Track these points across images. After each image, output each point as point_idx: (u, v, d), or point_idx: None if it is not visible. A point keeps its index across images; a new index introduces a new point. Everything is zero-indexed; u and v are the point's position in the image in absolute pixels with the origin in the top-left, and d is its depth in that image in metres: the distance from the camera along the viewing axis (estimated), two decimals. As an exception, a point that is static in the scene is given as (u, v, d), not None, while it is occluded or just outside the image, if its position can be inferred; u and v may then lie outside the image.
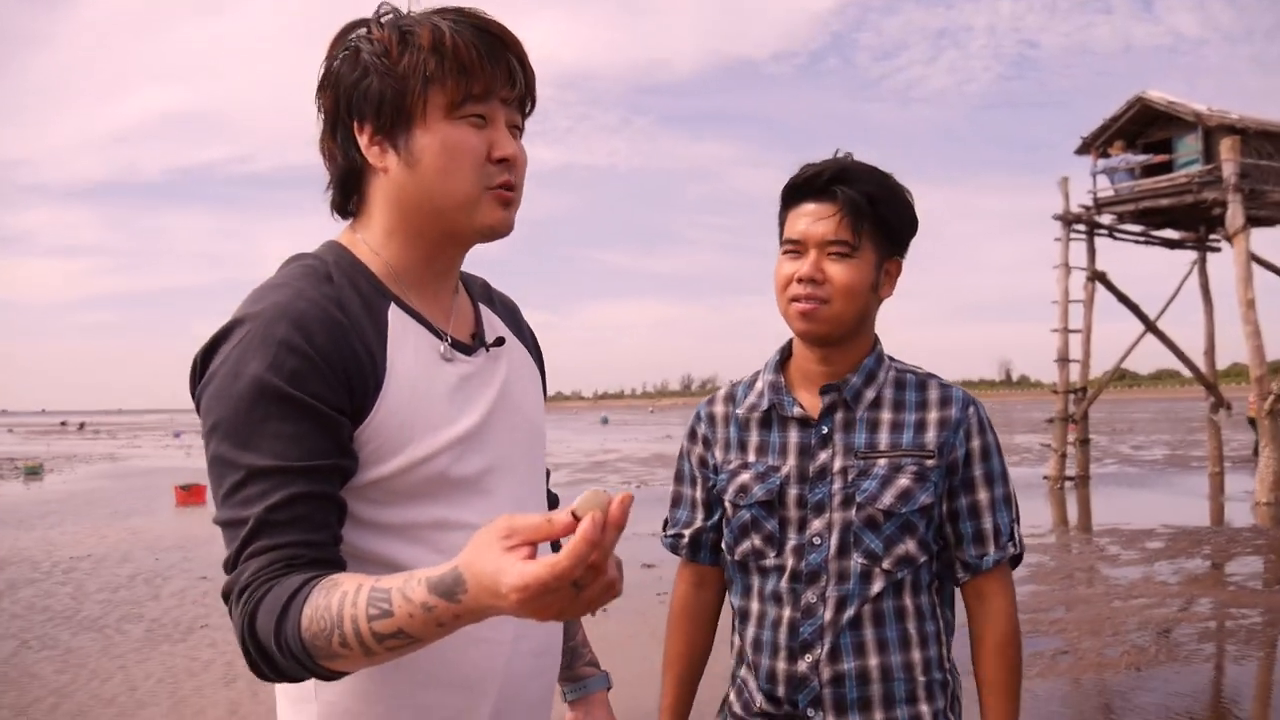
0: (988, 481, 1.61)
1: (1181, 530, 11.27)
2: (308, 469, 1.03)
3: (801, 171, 1.61)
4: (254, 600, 0.98)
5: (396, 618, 0.91)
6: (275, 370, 1.03)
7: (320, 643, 0.93)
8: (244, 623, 0.98)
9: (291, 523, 1.01)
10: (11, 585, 9.20)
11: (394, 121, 1.13)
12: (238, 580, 1.01)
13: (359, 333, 1.11)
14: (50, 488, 20.48)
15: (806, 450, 1.61)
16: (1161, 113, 16.53)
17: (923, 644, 1.59)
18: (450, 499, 1.16)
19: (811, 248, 1.57)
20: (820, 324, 1.57)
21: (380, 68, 1.11)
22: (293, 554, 1.01)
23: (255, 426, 1.02)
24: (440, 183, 1.14)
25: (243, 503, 1.02)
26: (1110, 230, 17.53)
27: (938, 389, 1.63)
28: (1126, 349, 18.33)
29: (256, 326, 1.06)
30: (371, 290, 1.17)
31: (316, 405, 1.04)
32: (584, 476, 20.22)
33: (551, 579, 0.82)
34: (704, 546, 1.74)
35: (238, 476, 1.02)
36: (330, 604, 0.93)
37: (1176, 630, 6.61)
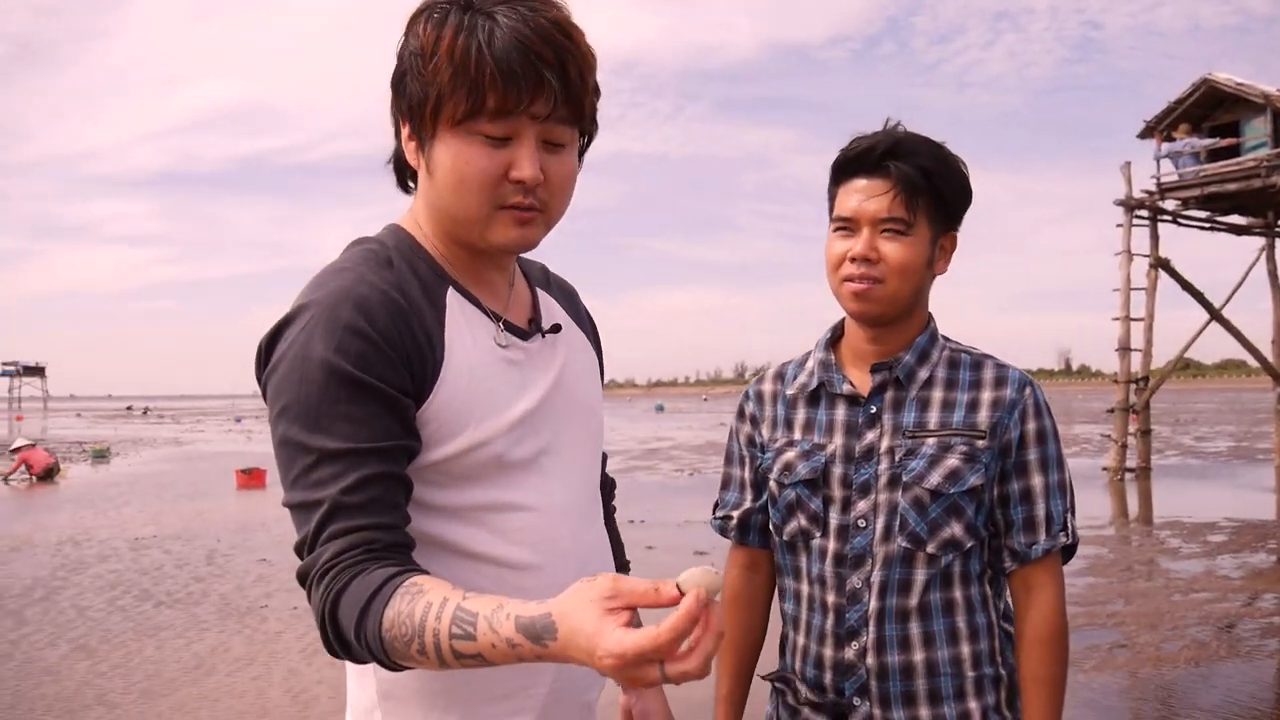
0: (1042, 466, 1.56)
1: (1246, 524, 11.03)
2: (379, 450, 1.04)
3: (852, 145, 1.56)
4: (335, 589, 1.00)
5: (479, 643, 0.92)
6: (342, 354, 1.04)
7: (399, 645, 0.96)
8: (325, 608, 1.00)
9: (366, 505, 1.02)
10: (81, 563, 9.47)
11: (420, 127, 1.12)
12: (316, 563, 1.02)
13: (419, 316, 1.13)
14: (117, 471, 21.02)
15: (853, 429, 1.58)
16: (1228, 95, 16.11)
17: (973, 637, 1.55)
18: (506, 481, 1.18)
19: (865, 226, 1.53)
20: (874, 304, 1.54)
21: (414, 69, 1.10)
22: (370, 537, 1.02)
23: (325, 409, 1.04)
24: (451, 198, 1.13)
25: (315, 485, 1.03)
26: (1174, 216, 17.14)
27: (993, 369, 1.59)
28: (1190, 338, 17.92)
29: (321, 311, 1.07)
30: (431, 274, 1.19)
31: (383, 387, 1.06)
32: (638, 464, 20.28)
33: (651, 651, 0.83)
34: (753, 528, 1.72)
35: (310, 459, 1.04)
36: (414, 612, 0.95)
37: (1239, 626, 6.48)
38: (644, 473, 18.38)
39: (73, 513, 13.54)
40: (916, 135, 1.55)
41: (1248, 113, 16.01)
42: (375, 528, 1.03)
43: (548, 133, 1.12)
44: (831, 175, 1.59)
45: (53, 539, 11.15)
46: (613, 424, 41.24)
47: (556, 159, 1.14)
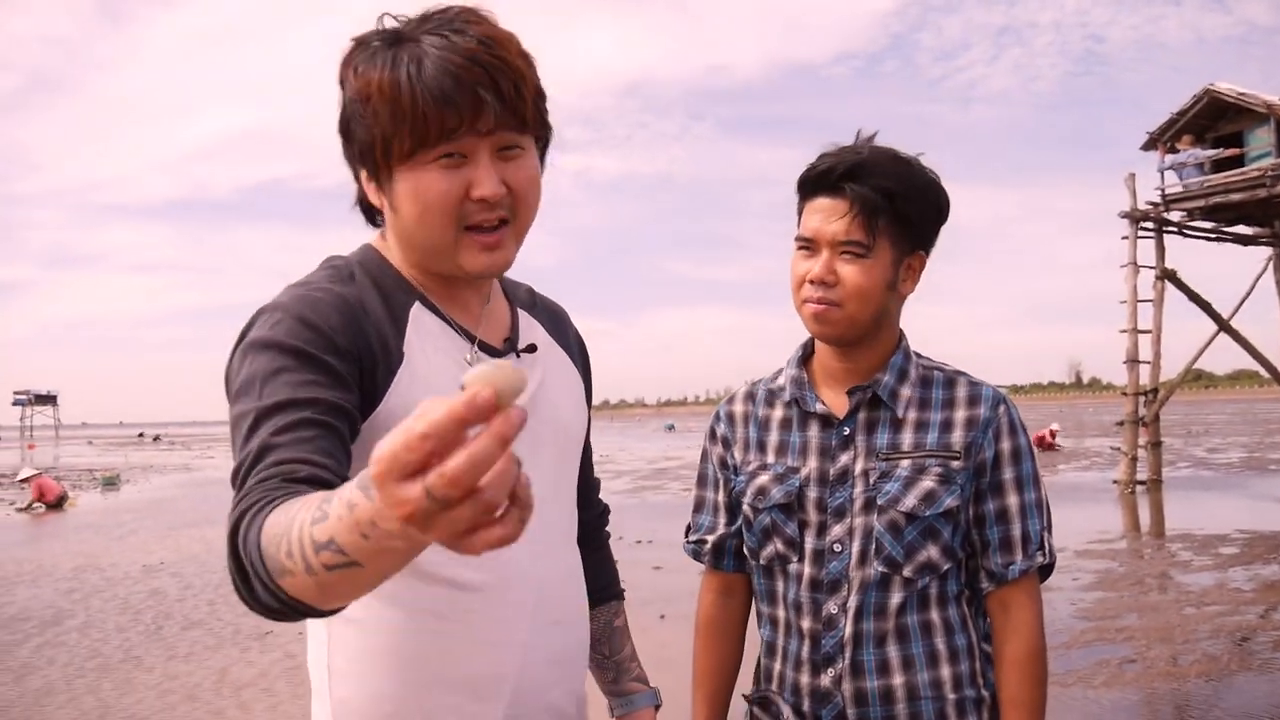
0: (1018, 486, 1.53)
1: (1258, 535, 10.94)
2: (314, 399, 1.02)
3: (814, 164, 1.53)
4: (242, 518, 0.90)
5: (329, 521, 0.76)
6: (292, 335, 1.06)
7: (272, 550, 0.83)
8: (227, 539, 0.90)
9: (294, 443, 0.97)
10: (91, 590, 9.47)
11: (375, 170, 1.13)
12: (237, 506, 0.92)
13: (375, 322, 1.14)
14: (127, 498, 21.05)
15: (827, 451, 1.55)
16: (1231, 105, 16.09)
17: (953, 659, 1.52)
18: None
19: (824, 247, 1.50)
20: (833, 326, 1.52)
21: (356, 114, 1.11)
22: (291, 469, 0.94)
23: (269, 379, 1.03)
24: (418, 229, 1.14)
25: (248, 437, 0.99)
26: (1180, 227, 17.09)
27: (966, 386, 1.57)
28: (1199, 349, 17.86)
29: (274, 313, 1.09)
30: (396, 289, 1.19)
31: (329, 360, 1.06)
32: (646, 484, 20.23)
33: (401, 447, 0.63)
34: (728, 553, 1.69)
35: (249, 421, 1.00)
36: (291, 509, 0.83)
37: (1253, 639, 6.42)
38: (652, 492, 18.33)
39: (83, 540, 13.55)
40: (883, 153, 1.51)
41: (1251, 123, 15.98)
42: (300, 461, 0.95)
43: (499, 141, 1.11)
44: (797, 191, 1.56)
45: (64, 566, 11.15)
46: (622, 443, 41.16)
47: (515, 165, 1.13)
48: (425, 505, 0.64)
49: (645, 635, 1.48)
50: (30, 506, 18.14)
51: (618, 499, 17.17)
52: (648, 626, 6.92)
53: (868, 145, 1.53)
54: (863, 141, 1.54)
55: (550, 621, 1.23)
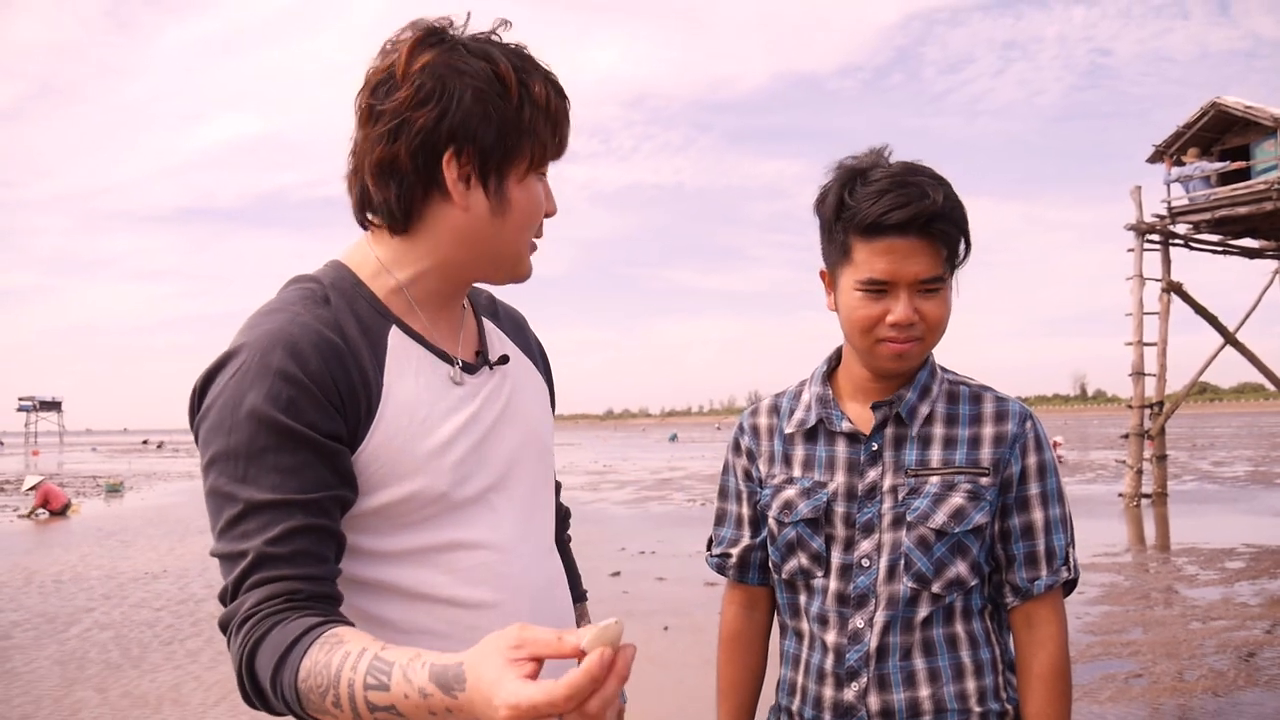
0: (1043, 501, 1.54)
1: (1264, 549, 10.89)
2: (306, 502, 1.02)
3: (886, 206, 1.44)
4: (254, 637, 0.98)
5: (392, 693, 0.90)
6: (272, 401, 1.02)
7: (314, 697, 0.94)
8: (243, 657, 0.98)
9: (291, 557, 1.01)
10: (92, 598, 9.46)
11: (498, 167, 1.14)
12: (237, 611, 1.00)
13: (355, 356, 1.11)
14: (130, 505, 21.05)
15: (855, 466, 1.56)
16: (1238, 118, 16.09)
17: (978, 672, 1.53)
18: (455, 520, 1.16)
19: (903, 288, 1.46)
20: (914, 360, 1.52)
21: (503, 112, 1.12)
22: (293, 587, 1.00)
23: (254, 459, 1.02)
24: (516, 234, 1.18)
25: (241, 536, 1.01)
26: (1186, 240, 17.08)
27: (993, 402, 1.57)
28: (1205, 362, 17.82)
29: (251, 356, 1.05)
30: (371, 313, 1.16)
31: (314, 436, 1.04)
32: (650, 494, 20.23)
33: (545, 705, 0.82)
34: (753, 566, 1.69)
35: (236, 510, 1.02)
36: (330, 662, 0.93)
37: (1259, 654, 6.38)
38: (656, 503, 18.32)
39: (85, 548, 13.55)
40: (934, 179, 1.47)
41: (1257, 136, 15.98)
42: (299, 578, 1.01)
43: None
44: (850, 229, 1.48)
45: (66, 574, 11.15)
46: (626, 454, 41.16)
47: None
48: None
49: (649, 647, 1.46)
50: (34, 513, 18.14)
51: (621, 509, 17.18)
52: (651, 639, 6.91)
53: (924, 176, 1.47)
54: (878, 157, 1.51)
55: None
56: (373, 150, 1.13)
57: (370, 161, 1.13)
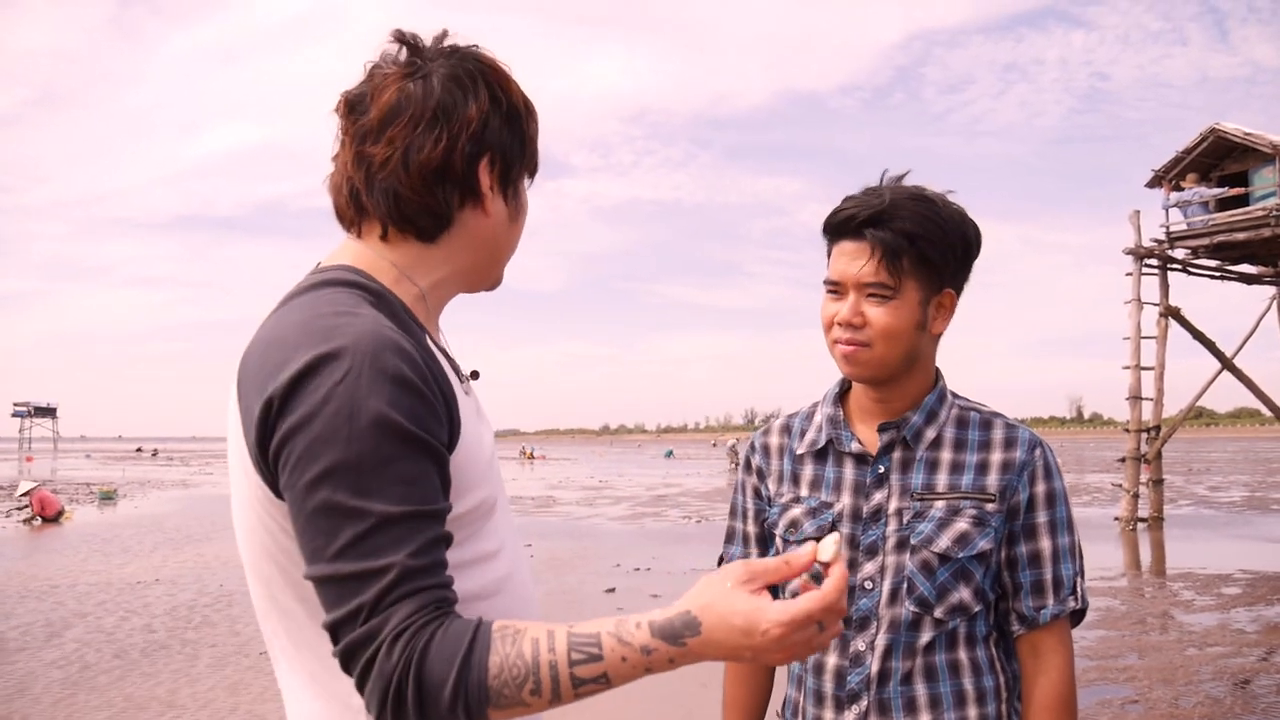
0: (1051, 530, 1.53)
1: (1261, 576, 10.87)
2: (434, 512, 0.99)
3: (839, 209, 1.53)
4: (418, 646, 0.93)
5: (605, 662, 0.94)
6: (395, 407, 0.97)
7: (509, 690, 0.93)
8: (404, 670, 0.92)
9: (431, 568, 0.97)
10: (83, 606, 9.40)
11: (516, 174, 1.20)
12: (383, 627, 0.93)
13: (433, 364, 1.07)
14: (124, 513, 20.97)
15: (861, 488, 1.56)
16: (1237, 144, 16.14)
17: (980, 700, 1.51)
18: (488, 531, 1.15)
19: (850, 289, 1.51)
20: (863, 367, 1.52)
21: (519, 121, 1.18)
22: (440, 597, 0.97)
23: (377, 470, 0.95)
24: (513, 239, 1.23)
25: (373, 552, 0.95)
26: (1184, 265, 17.12)
27: (1003, 429, 1.56)
28: (1202, 387, 17.83)
29: (360, 360, 0.98)
30: (405, 319, 1.12)
31: (433, 443, 1.00)
32: (645, 510, 20.17)
33: (818, 611, 0.93)
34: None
35: (364, 525, 0.95)
36: (523, 651, 0.94)
37: (1255, 681, 6.35)
38: (652, 519, 18.26)
39: (78, 555, 13.49)
40: (907, 195, 1.50)
41: (1256, 162, 16.02)
42: (443, 587, 0.98)
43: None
44: (824, 233, 1.58)
45: (57, 582, 11.09)
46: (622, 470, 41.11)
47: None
48: (812, 636, 0.95)
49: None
50: (29, 520, 18.06)
51: (617, 525, 17.12)
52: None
53: (890, 188, 1.52)
54: (889, 182, 1.55)
55: None
56: (424, 156, 1.10)
57: (419, 166, 1.10)
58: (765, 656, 0.94)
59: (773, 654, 0.94)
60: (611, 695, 1.17)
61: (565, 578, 10.92)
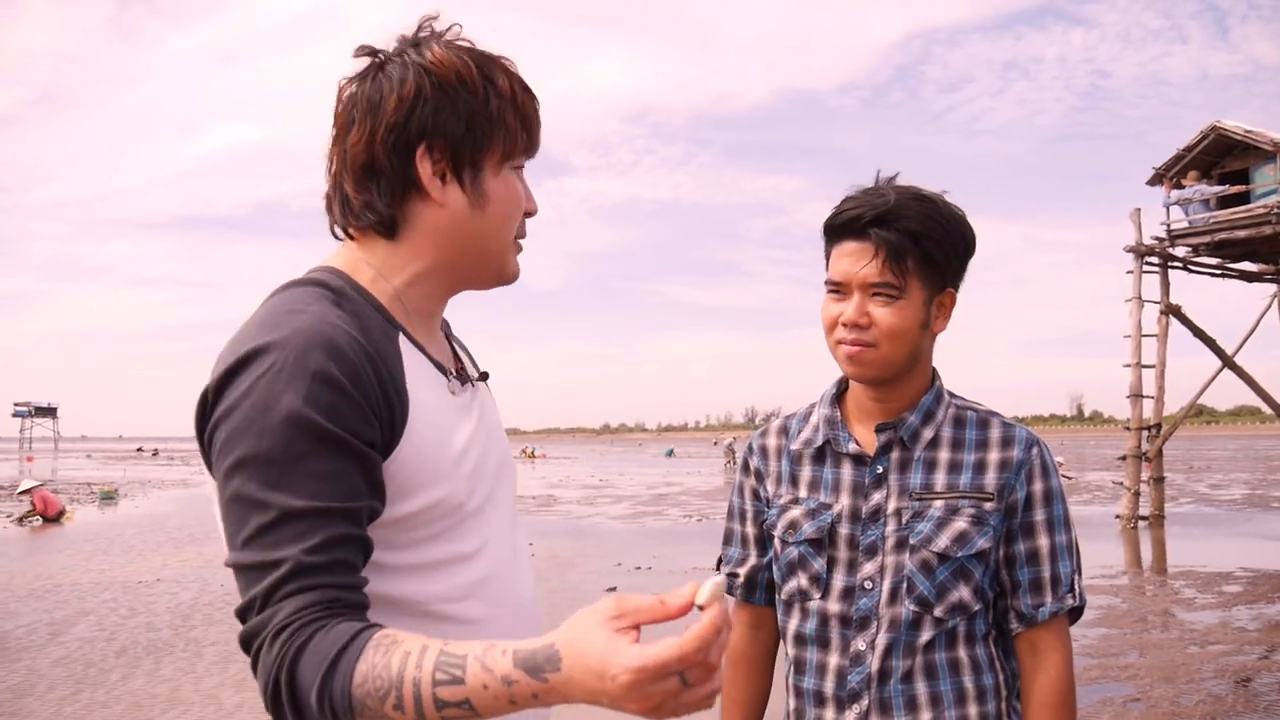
0: (1049, 528, 1.54)
1: (1262, 574, 10.86)
2: (345, 510, 0.98)
3: (840, 209, 1.53)
4: (295, 645, 0.92)
5: (468, 686, 0.87)
6: (312, 403, 0.97)
7: (371, 703, 0.89)
8: (279, 667, 0.92)
9: (330, 566, 0.95)
10: (84, 609, 9.41)
11: (470, 159, 1.14)
12: (269, 621, 0.93)
13: (384, 361, 1.07)
14: (124, 513, 20.99)
15: (860, 489, 1.56)
16: (1238, 142, 16.13)
17: (980, 698, 1.52)
18: (461, 533, 1.14)
19: (855, 290, 1.51)
20: (868, 368, 1.52)
21: (469, 104, 1.12)
22: (333, 595, 0.95)
23: (290, 465, 0.96)
24: (498, 228, 1.17)
25: (273, 544, 0.95)
26: (1185, 263, 17.11)
27: (1000, 427, 1.57)
28: (1203, 385, 17.82)
29: (285, 355, 0.99)
30: (380, 320, 1.13)
31: (353, 442, 0.99)
32: (646, 509, 20.17)
33: (674, 661, 0.82)
34: (760, 586, 1.69)
35: (268, 518, 0.96)
36: (390, 662, 0.89)
37: (1256, 679, 6.35)
38: (652, 518, 18.27)
39: (80, 554, 13.50)
40: (908, 195, 1.51)
41: (1257, 159, 16.01)
42: (339, 587, 0.96)
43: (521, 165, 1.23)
44: (824, 234, 1.57)
45: (60, 581, 11.10)
46: (622, 469, 41.14)
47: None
48: (674, 690, 0.83)
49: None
50: (27, 519, 18.05)
51: (617, 524, 17.12)
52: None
53: (891, 188, 1.53)
54: (884, 182, 1.55)
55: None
56: (351, 155, 1.13)
57: (351, 166, 1.13)
58: (621, 705, 0.84)
59: (627, 703, 0.83)
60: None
61: (566, 576, 10.93)
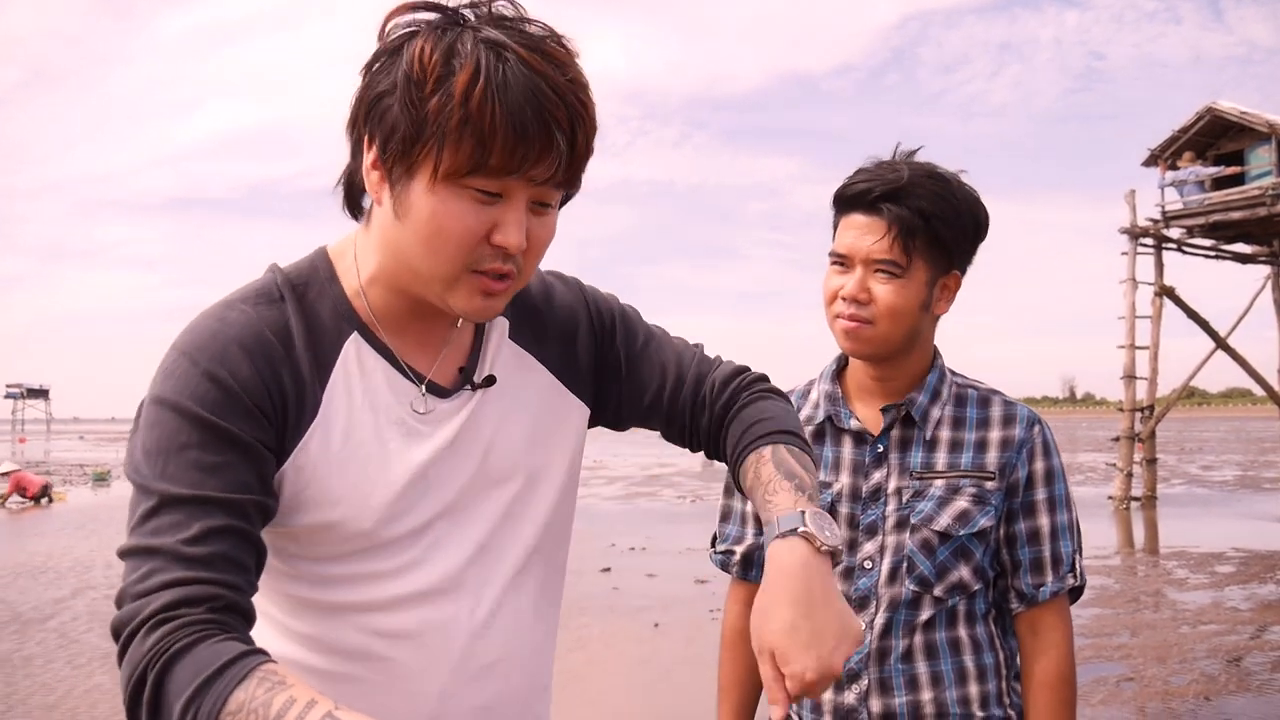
0: (1050, 507, 1.53)
1: (1254, 554, 10.92)
2: (227, 501, 0.94)
3: (852, 180, 1.51)
4: (171, 647, 0.87)
5: None
6: (197, 398, 0.96)
7: None
8: (150, 665, 0.87)
9: (209, 559, 0.91)
10: (79, 588, 9.40)
11: (398, 160, 0.96)
12: (140, 611, 0.89)
13: (292, 363, 1.02)
14: (117, 494, 20.94)
15: (860, 468, 1.55)
16: (1233, 123, 16.13)
17: (980, 677, 1.51)
18: (378, 554, 1.06)
19: (858, 264, 1.48)
20: (864, 344, 1.51)
21: (406, 95, 0.93)
22: (212, 593, 0.91)
23: (173, 455, 0.95)
24: (420, 251, 0.98)
25: (154, 531, 0.92)
26: (1179, 244, 17.12)
27: (1001, 406, 1.56)
28: (1196, 366, 17.86)
29: (180, 358, 1.00)
30: (334, 316, 1.06)
31: (239, 435, 0.97)
32: (639, 490, 20.21)
33: None
34: (756, 564, 1.67)
35: (150, 504, 0.94)
36: (271, 702, 0.84)
37: (1248, 659, 6.39)
38: (646, 499, 18.29)
39: (69, 537, 13.46)
40: (923, 172, 1.48)
41: (1252, 141, 16.02)
42: (216, 584, 0.91)
43: (540, 195, 0.98)
44: (833, 205, 1.55)
45: (53, 564, 11.07)
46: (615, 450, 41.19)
47: (541, 221, 1.01)
48: None
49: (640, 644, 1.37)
50: (4, 502, 17.85)
51: (611, 505, 17.15)
52: (642, 635, 6.88)
53: (906, 164, 1.50)
54: (902, 157, 1.52)
55: (480, 667, 1.11)
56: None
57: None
58: None
59: None
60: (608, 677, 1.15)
61: (561, 558, 10.92)
